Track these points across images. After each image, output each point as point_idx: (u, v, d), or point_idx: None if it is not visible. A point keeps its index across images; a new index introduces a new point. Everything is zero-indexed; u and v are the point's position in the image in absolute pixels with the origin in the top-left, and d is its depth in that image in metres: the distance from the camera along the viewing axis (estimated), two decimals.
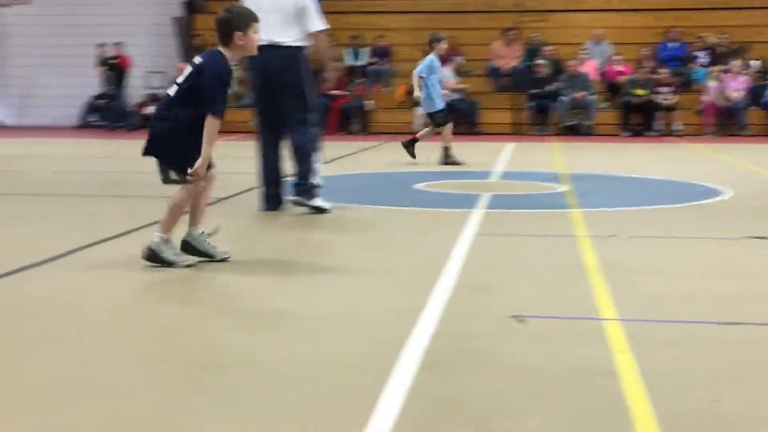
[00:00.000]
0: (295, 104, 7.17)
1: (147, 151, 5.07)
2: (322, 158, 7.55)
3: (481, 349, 3.53)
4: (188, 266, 4.99)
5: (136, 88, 20.81)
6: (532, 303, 4.27)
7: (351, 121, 19.08)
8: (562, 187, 8.93)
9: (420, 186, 9.04)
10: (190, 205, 5.12)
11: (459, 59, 19.19)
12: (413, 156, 11.50)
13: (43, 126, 20.60)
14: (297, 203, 7.28)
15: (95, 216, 7.15)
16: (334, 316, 4.06)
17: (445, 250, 5.43)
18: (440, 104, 11.47)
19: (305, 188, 7.28)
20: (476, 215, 6.97)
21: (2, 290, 4.57)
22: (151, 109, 20.91)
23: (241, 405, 2.89)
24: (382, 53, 20.32)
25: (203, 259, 5.11)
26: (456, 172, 10.57)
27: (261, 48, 6.97)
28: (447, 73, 19.03)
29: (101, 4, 21.27)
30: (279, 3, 7.06)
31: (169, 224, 5.03)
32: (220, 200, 7.87)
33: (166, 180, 5.10)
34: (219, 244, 5.21)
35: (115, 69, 19.75)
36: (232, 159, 13.11)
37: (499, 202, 7.86)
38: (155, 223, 6.48)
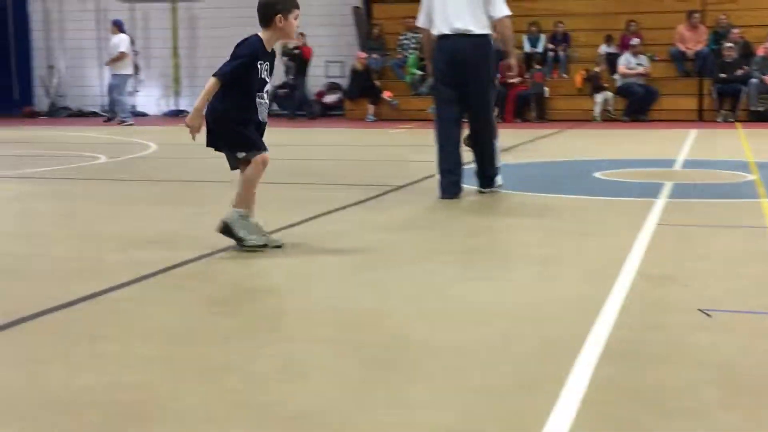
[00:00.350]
0: (479, 92, 7.21)
1: (208, 144, 5.22)
2: (500, 146, 7.60)
3: (669, 341, 3.45)
4: (256, 246, 5.08)
5: (317, 78, 21.31)
6: (720, 296, 4.13)
7: (528, 108, 18.91)
8: (751, 176, 8.57)
9: (600, 174, 8.87)
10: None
11: (636, 41, 18.68)
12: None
13: None
14: (479, 191, 7.40)
15: (279, 202, 7.38)
16: (515, 304, 4.05)
17: (627, 241, 5.31)
18: None
19: (487, 175, 7.38)
20: (659, 205, 6.78)
21: (213, 269, 4.78)
22: (331, 98, 21.46)
23: (423, 391, 2.93)
24: (560, 39, 20.02)
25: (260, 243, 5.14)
26: (638, 161, 10.31)
27: (449, 36, 7.14)
28: (629, 58, 18.61)
29: None
30: None
31: (244, 199, 5.15)
32: (398, 188, 7.99)
33: (234, 167, 5.25)
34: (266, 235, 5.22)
35: (297, 59, 20.27)
36: (408, 147, 13.31)
37: (682, 192, 7.63)
38: (335, 210, 6.68)
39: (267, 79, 5.17)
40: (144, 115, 22.42)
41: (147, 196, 7.87)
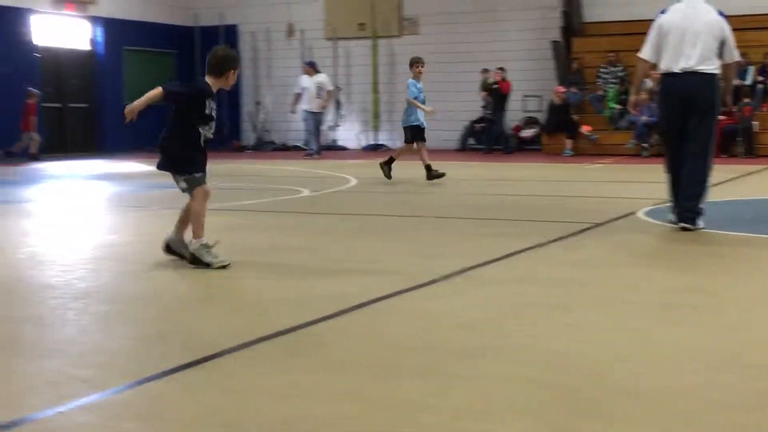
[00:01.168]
0: (702, 129, 7.27)
1: (158, 166, 5.99)
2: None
3: None
4: (223, 265, 5.79)
5: (514, 112, 21.28)
6: None
7: (735, 142, 18.15)
8: None
9: None
10: (182, 213, 5.97)
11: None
12: (388, 176, 12.27)
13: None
14: (683, 228, 7.23)
15: (475, 237, 7.39)
16: (717, 350, 3.88)
17: None
18: (413, 120, 12.41)
19: (694, 212, 7.24)
20: None
21: (411, 304, 4.85)
22: (528, 132, 21.36)
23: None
24: None
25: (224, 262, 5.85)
26: None
27: (677, 74, 7.29)
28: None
29: (484, 31, 22.01)
30: (704, 33, 7.27)
31: (198, 231, 5.84)
32: (597, 225, 7.84)
33: (184, 190, 5.93)
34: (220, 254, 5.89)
35: (496, 94, 20.32)
36: (607, 183, 13.06)
37: None
38: (531, 248, 6.62)
39: (213, 115, 5.92)
40: (344, 149, 23.04)
41: (346, 230, 8.06)
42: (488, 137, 20.83)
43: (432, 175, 12.14)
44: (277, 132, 24.13)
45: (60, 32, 21.60)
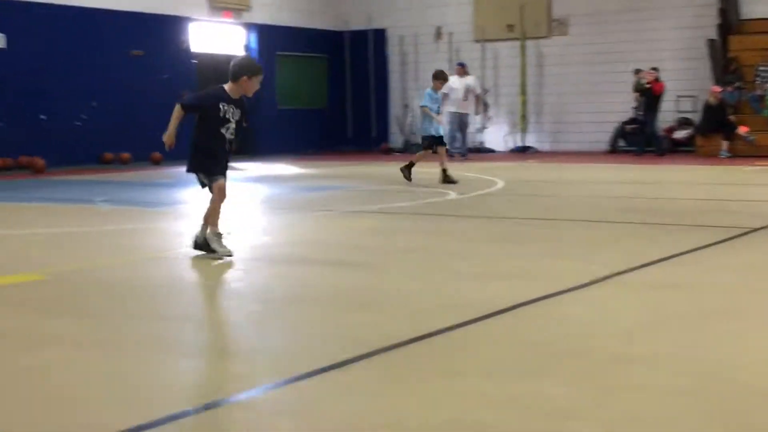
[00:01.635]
0: None
1: (186, 169, 6.60)
2: None
3: None
4: (226, 254, 6.37)
5: (667, 113, 20.74)
6: None
7: None
8: None
9: None
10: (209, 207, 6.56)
11: None
12: (408, 179, 12.97)
13: (573, 151, 21.38)
14: None
15: (629, 242, 7.24)
16: None
17: None
18: (431, 130, 12.98)
19: None
20: None
21: (546, 311, 4.81)
22: (681, 134, 20.76)
23: None
24: None
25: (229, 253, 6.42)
26: None
27: None
28: None
29: (635, 30, 21.52)
30: None
31: (213, 221, 6.49)
32: (755, 230, 7.56)
33: (203, 186, 6.61)
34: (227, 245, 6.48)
35: (648, 94, 19.83)
36: (764, 185, 12.56)
37: None
38: (686, 252, 6.44)
39: (230, 119, 6.54)
40: (491, 151, 22.94)
41: (494, 234, 8.03)
42: (640, 139, 20.35)
43: (446, 178, 12.76)
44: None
45: (216, 39, 22.32)
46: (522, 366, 3.74)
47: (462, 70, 20.20)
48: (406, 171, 13.19)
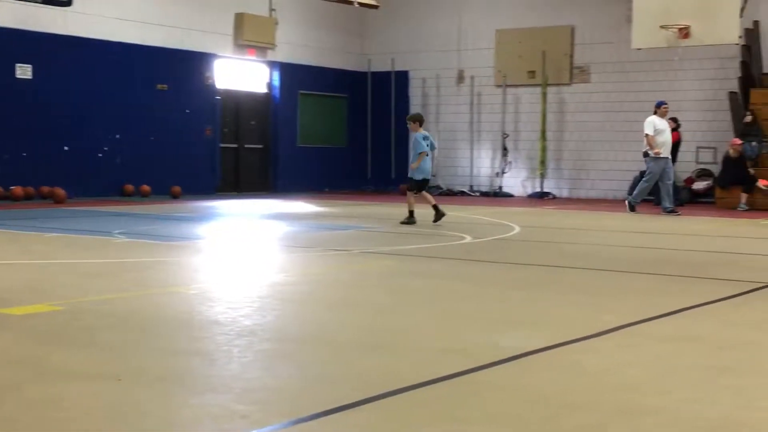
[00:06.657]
0: None
1: None
2: None
3: None
4: None
5: (686, 163, 20.73)
6: None
7: None
8: None
9: None
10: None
11: None
12: (409, 222, 13.41)
13: (592, 199, 21.36)
14: None
15: (640, 293, 7.23)
16: None
17: None
18: (417, 175, 13.58)
19: None
20: None
21: (554, 361, 4.82)
22: (701, 185, 20.72)
23: None
24: None
25: None
26: None
27: None
28: None
29: (657, 80, 21.59)
30: None
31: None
32: None
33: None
34: None
35: None
36: None
37: None
38: (698, 305, 6.42)
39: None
40: (509, 195, 22.98)
41: (507, 279, 8.04)
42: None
43: (438, 214, 13.30)
44: (443, 177, 24.31)
45: (240, 76, 22.53)
46: (528, 416, 3.74)
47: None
48: (436, 216, 13.43)
